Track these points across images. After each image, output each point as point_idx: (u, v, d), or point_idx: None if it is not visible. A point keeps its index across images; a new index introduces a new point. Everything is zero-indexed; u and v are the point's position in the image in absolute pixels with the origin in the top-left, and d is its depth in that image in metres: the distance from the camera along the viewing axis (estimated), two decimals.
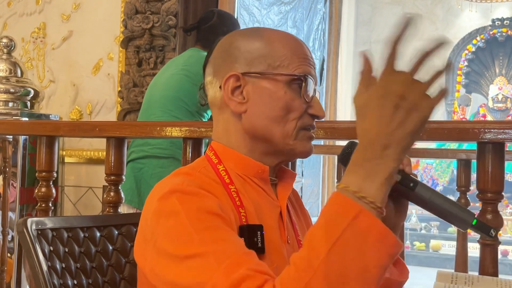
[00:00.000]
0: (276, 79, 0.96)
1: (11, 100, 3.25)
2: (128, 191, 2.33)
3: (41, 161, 1.95)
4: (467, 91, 7.05)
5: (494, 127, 1.34)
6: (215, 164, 0.99)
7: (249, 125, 0.98)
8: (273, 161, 1.01)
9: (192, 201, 0.85)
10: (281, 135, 0.97)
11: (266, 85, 0.97)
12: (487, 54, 6.99)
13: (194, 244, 0.81)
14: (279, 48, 0.98)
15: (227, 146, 1.00)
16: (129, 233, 1.32)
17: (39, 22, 3.76)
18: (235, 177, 0.97)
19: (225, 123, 1.01)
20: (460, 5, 6.84)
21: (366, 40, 7.49)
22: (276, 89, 0.96)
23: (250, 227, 0.91)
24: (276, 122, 0.96)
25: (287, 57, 0.98)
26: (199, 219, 0.83)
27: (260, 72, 0.97)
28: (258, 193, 0.99)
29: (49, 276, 1.11)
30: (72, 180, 3.57)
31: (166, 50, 3.31)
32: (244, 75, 0.97)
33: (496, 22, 6.80)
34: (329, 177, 5.35)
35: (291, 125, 0.97)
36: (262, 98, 0.97)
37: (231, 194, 0.94)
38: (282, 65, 0.97)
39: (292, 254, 0.85)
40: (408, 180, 0.91)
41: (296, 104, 0.97)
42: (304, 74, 0.97)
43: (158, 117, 2.40)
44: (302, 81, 0.97)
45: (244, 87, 0.97)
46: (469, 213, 0.88)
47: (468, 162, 2.69)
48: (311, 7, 4.86)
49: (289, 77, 0.96)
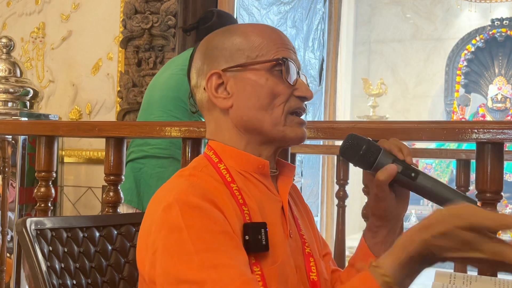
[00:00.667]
0: (256, 69, 0.98)
1: (10, 100, 3.25)
2: (128, 191, 2.33)
3: (41, 161, 1.95)
4: (466, 91, 7.05)
5: (493, 127, 1.34)
6: (215, 163, 0.99)
7: (237, 118, 0.99)
8: (270, 150, 1.02)
9: (196, 216, 0.85)
10: (270, 123, 0.98)
11: (247, 76, 0.98)
12: (486, 54, 6.99)
13: (193, 267, 0.81)
14: (255, 39, 0.99)
15: (224, 144, 1.01)
16: (128, 233, 1.32)
17: (38, 22, 3.76)
18: (236, 175, 0.98)
19: (216, 122, 1.02)
20: (460, 5, 6.84)
21: (366, 40, 7.49)
22: (258, 78, 0.98)
23: (253, 225, 0.91)
24: (263, 110, 0.98)
25: (264, 46, 0.99)
26: (201, 239, 0.83)
27: (239, 64, 0.98)
28: (260, 190, 0.99)
29: (48, 276, 1.11)
30: (71, 180, 3.57)
31: (166, 50, 3.31)
32: (225, 71, 0.99)
33: (496, 22, 6.80)
34: (328, 177, 5.35)
35: (278, 111, 0.98)
36: (245, 90, 0.98)
37: (234, 192, 0.95)
38: (260, 54, 0.98)
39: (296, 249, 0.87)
40: (409, 170, 0.92)
41: (280, 88, 0.98)
42: (283, 57, 0.98)
43: (158, 117, 2.40)
44: (281, 64, 0.98)
45: (227, 83, 0.99)
46: (470, 200, 0.89)
47: (468, 162, 2.69)
48: (310, 7, 4.86)
49: (268, 64, 0.98)
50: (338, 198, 2.86)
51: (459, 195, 0.91)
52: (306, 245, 1.03)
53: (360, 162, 0.96)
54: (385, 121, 5.62)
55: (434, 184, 0.91)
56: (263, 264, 0.91)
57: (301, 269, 0.99)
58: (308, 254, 1.02)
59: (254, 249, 0.90)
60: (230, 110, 0.99)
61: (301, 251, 1.02)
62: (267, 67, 0.98)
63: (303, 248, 1.02)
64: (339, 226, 2.77)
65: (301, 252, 1.01)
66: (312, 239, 1.08)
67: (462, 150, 2.91)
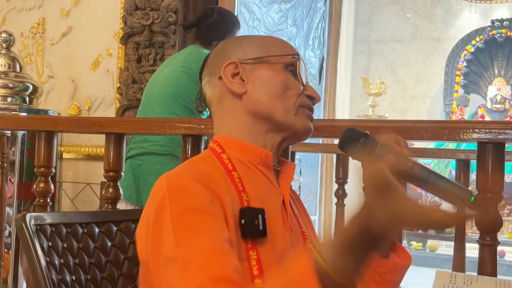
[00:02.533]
0: (271, 62, 1.03)
1: (9, 95, 3.24)
2: (127, 187, 2.33)
3: (40, 157, 1.94)
4: (465, 92, 7.05)
5: (494, 127, 1.34)
6: (218, 153, 1.01)
7: (250, 104, 1.02)
8: (276, 140, 1.04)
9: (181, 197, 0.88)
10: (282, 110, 1.02)
11: (263, 69, 1.03)
12: (486, 55, 6.99)
13: (170, 245, 0.84)
14: (270, 41, 1.08)
15: (228, 136, 1.03)
16: (128, 229, 1.32)
17: (38, 17, 3.74)
18: (238, 164, 1.00)
19: (226, 110, 1.05)
20: (460, 6, 6.84)
21: (365, 40, 7.49)
22: (272, 71, 1.03)
23: (250, 209, 0.93)
24: (276, 98, 1.02)
25: (278, 47, 1.06)
26: (181, 218, 0.86)
27: (255, 57, 1.04)
28: (262, 180, 1.01)
29: (48, 271, 1.11)
30: (70, 176, 3.56)
31: (166, 46, 3.30)
32: (241, 63, 1.03)
33: (496, 23, 6.80)
34: (327, 176, 5.35)
35: (291, 101, 1.02)
36: (261, 79, 1.03)
37: (234, 180, 0.96)
38: (275, 51, 1.04)
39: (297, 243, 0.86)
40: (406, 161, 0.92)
41: (293, 83, 1.03)
42: (296, 53, 1.05)
43: (157, 113, 2.40)
44: (295, 61, 1.04)
45: (242, 73, 1.03)
46: (467, 191, 0.90)
47: (467, 163, 2.68)
48: (311, 5, 4.86)
49: (283, 59, 1.04)
50: (337, 197, 2.87)
51: (455, 185, 0.91)
52: (308, 241, 1.04)
53: (358, 154, 0.97)
54: (386, 120, 5.61)
55: (430, 175, 0.92)
56: (261, 249, 0.92)
57: None
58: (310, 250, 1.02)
59: (251, 234, 0.91)
60: (244, 96, 1.03)
61: (303, 246, 1.02)
62: (282, 63, 1.03)
63: (305, 244, 1.03)
64: (338, 225, 2.77)
65: (302, 247, 1.01)
66: (313, 239, 1.08)
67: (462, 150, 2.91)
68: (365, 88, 6.94)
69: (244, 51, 1.05)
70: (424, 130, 1.41)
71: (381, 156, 0.93)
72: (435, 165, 6.41)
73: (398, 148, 0.95)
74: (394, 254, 1.04)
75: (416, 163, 0.93)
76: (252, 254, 0.90)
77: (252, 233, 0.91)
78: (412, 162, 0.92)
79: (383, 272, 1.01)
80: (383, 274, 1.01)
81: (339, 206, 2.85)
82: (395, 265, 1.02)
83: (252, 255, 0.90)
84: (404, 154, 0.94)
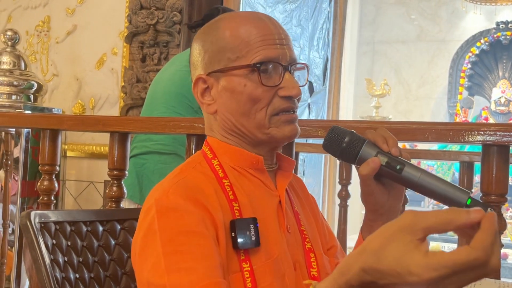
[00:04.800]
0: (234, 74, 0.96)
1: (14, 93, 3.25)
2: (130, 186, 2.33)
3: (44, 155, 1.95)
4: (470, 94, 7.03)
5: (499, 129, 1.34)
6: (209, 159, 0.99)
7: (223, 123, 0.99)
8: (262, 150, 1.00)
9: (170, 217, 0.86)
10: (255, 127, 0.96)
11: (227, 83, 0.96)
12: (490, 57, 6.97)
13: (158, 270, 0.83)
14: (235, 38, 0.96)
15: (220, 140, 1.00)
16: (131, 228, 1.32)
17: (43, 15, 3.75)
18: (229, 171, 0.97)
19: (208, 122, 1.03)
20: (465, 7, 6.82)
21: (370, 41, 7.47)
22: (236, 84, 0.95)
23: (241, 221, 0.90)
24: (245, 116, 0.96)
25: (244, 46, 0.95)
26: (171, 241, 0.84)
27: (219, 69, 0.97)
28: (255, 185, 0.98)
29: (52, 269, 1.11)
30: (73, 175, 3.57)
31: (170, 46, 3.30)
32: (209, 75, 0.98)
33: (501, 25, 6.78)
34: (330, 176, 5.35)
35: (260, 115, 0.95)
36: (226, 96, 0.97)
37: (225, 188, 0.94)
38: (240, 55, 0.95)
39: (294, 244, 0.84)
40: (394, 162, 0.88)
41: (259, 93, 0.94)
42: (260, 61, 0.94)
43: (161, 113, 2.40)
44: (258, 69, 0.94)
45: (211, 87, 0.99)
46: (463, 191, 0.84)
47: (471, 165, 2.68)
48: (316, 6, 4.86)
49: (245, 70, 0.94)
50: (340, 198, 2.86)
51: (451, 186, 0.85)
52: (306, 240, 1.02)
53: (343, 155, 0.92)
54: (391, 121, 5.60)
55: (422, 176, 0.86)
56: (255, 259, 0.90)
57: (300, 264, 0.98)
58: (308, 250, 1.01)
59: (243, 246, 0.89)
60: (216, 115, 0.99)
61: (301, 246, 1.00)
62: (244, 72, 0.95)
63: (303, 243, 1.01)
64: (340, 226, 2.77)
65: (301, 248, 1.00)
66: (315, 234, 1.06)
67: (466, 152, 2.91)
68: (369, 89, 6.93)
69: (209, 58, 0.98)
70: (428, 131, 1.41)
71: (366, 156, 0.90)
72: (439, 167, 6.40)
73: (386, 147, 0.90)
74: None
75: (406, 163, 0.88)
76: (245, 266, 0.89)
77: (245, 245, 0.89)
78: (401, 163, 0.88)
79: None
80: None
81: (342, 207, 2.85)
82: None
83: (245, 267, 0.89)
84: (392, 153, 0.89)
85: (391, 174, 0.89)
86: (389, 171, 0.88)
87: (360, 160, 0.90)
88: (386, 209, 0.98)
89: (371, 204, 0.98)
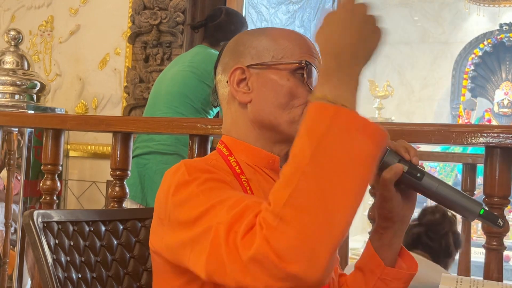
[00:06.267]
0: (279, 69, 1.00)
1: (17, 93, 3.25)
2: (132, 186, 2.33)
3: (47, 154, 1.95)
4: (472, 95, 7.03)
5: (502, 131, 1.34)
6: (226, 156, 1.01)
7: (255, 114, 1.01)
8: (282, 150, 1.02)
9: (201, 171, 0.88)
10: (287, 121, 0.99)
11: (270, 75, 1.00)
12: (493, 59, 6.96)
13: (201, 205, 0.81)
14: (283, 41, 1.02)
15: (236, 139, 1.02)
16: (134, 228, 1.32)
17: (47, 15, 3.76)
18: (245, 168, 0.99)
19: (233, 115, 1.04)
20: (468, 9, 6.82)
21: None
22: (279, 78, 0.99)
23: None
24: (281, 109, 0.99)
25: (290, 49, 1.01)
26: (206, 184, 0.85)
27: (263, 63, 1.00)
28: (269, 184, 1.00)
29: (54, 269, 1.11)
30: (75, 174, 3.57)
31: (173, 46, 3.31)
32: (249, 68, 1.01)
33: (504, 27, 6.77)
34: None
35: (297, 111, 0.99)
36: (266, 87, 1.00)
37: (242, 183, 0.96)
38: (285, 56, 1.00)
39: None
40: (415, 170, 0.92)
41: (300, 91, 1.00)
42: (306, 61, 1.00)
43: (163, 113, 2.40)
44: (304, 67, 0.99)
45: (249, 79, 1.01)
46: (476, 203, 0.89)
47: (474, 167, 2.68)
48: (319, 7, 4.85)
49: (291, 66, 0.99)
50: None
51: (464, 196, 0.91)
52: None
53: None
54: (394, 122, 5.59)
55: (439, 185, 0.91)
56: None
57: None
58: None
59: None
60: (249, 105, 1.01)
61: None
62: (290, 68, 1.00)
63: None
64: None
65: None
66: None
67: (468, 154, 2.90)
68: (371, 91, 6.92)
69: (252, 53, 1.02)
70: (431, 133, 1.41)
71: (389, 163, 0.93)
72: (441, 169, 6.39)
73: (407, 156, 0.94)
74: (401, 259, 1.04)
75: (425, 173, 0.92)
76: None
77: None
78: (422, 172, 0.92)
79: (388, 280, 1.01)
80: (388, 282, 1.01)
81: None
82: (400, 273, 1.02)
83: None
84: (413, 162, 0.93)
85: (411, 181, 0.93)
86: (410, 178, 0.92)
87: (382, 166, 0.94)
88: (399, 217, 1.00)
89: (387, 211, 0.99)
